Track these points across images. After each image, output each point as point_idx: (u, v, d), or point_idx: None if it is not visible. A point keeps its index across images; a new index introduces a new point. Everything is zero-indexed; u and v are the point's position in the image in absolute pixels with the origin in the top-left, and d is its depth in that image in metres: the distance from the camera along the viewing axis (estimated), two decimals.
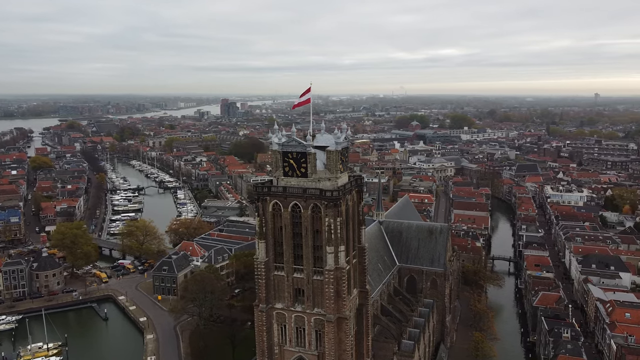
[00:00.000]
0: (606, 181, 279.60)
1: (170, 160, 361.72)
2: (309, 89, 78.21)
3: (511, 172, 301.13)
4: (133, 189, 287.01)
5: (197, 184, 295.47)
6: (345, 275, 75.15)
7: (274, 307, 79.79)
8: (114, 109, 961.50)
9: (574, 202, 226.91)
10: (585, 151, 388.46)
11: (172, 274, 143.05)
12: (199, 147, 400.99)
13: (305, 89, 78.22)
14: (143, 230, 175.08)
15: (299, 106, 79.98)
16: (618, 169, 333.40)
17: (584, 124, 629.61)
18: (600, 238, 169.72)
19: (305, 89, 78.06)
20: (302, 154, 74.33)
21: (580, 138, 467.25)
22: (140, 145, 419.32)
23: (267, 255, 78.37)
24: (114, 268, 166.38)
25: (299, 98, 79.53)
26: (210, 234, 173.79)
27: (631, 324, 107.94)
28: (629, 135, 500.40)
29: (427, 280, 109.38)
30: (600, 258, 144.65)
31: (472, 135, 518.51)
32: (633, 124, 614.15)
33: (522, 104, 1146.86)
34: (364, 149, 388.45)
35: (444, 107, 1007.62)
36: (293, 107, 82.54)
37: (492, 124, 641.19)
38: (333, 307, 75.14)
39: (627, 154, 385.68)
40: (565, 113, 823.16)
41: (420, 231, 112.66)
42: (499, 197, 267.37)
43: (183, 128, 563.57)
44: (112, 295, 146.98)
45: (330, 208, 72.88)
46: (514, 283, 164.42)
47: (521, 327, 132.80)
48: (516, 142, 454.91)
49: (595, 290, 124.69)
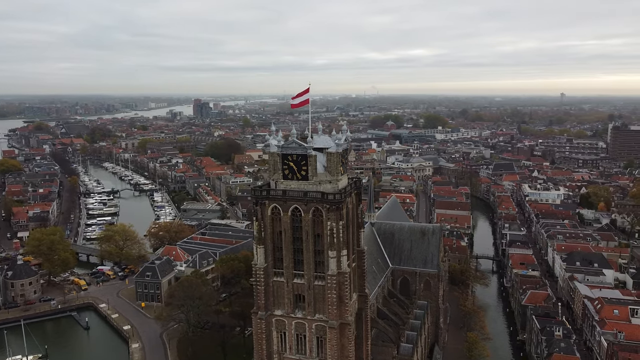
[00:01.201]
0: (579, 179, 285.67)
1: (145, 162, 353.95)
2: (308, 89, 76.38)
3: (488, 171, 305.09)
4: (108, 192, 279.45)
5: (174, 186, 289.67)
6: (347, 280, 73.59)
7: (273, 314, 77.61)
8: (82, 110, 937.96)
9: (552, 200, 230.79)
10: (557, 150, 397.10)
11: (156, 280, 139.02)
12: (174, 148, 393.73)
13: (304, 90, 76.22)
14: (122, 234, 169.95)
15: (298, 107, 77.86)
16: (589, 167, 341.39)
17: (553, 123, 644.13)
18: (580, 235, 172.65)
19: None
20: (302, 157, 72.41)
21: (551, 137, 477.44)
22: (112, 147, 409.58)
23: (266, 260, 76.15)
24: (93, 274, 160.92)
25: (296, 98, 77.32)
26: (192, 238, 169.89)
27: (619, 320, 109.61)
28: (596, 134, 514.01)
29: (421, 282, 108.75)
30: (584, 255, 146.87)
31: (447, 134, 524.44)
32: (599, 123, 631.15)
33: (492, 104, 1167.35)
34: None
35: (417, 107, 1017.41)
36: (292, 107, 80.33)
37: (464, 124, 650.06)
38: (336, 312, 73.45)
39: (597, 152, 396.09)
40: (534, 112, 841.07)
41: (412, 232, 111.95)
42: (477, 195, 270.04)
43: (156, 129, 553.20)
44: (93, 303, 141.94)
45: (333, 212, 71.17)
46: (497, 282, 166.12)
47: (509, 326, 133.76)
48: (490, 141, 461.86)
49: (582, 288, 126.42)
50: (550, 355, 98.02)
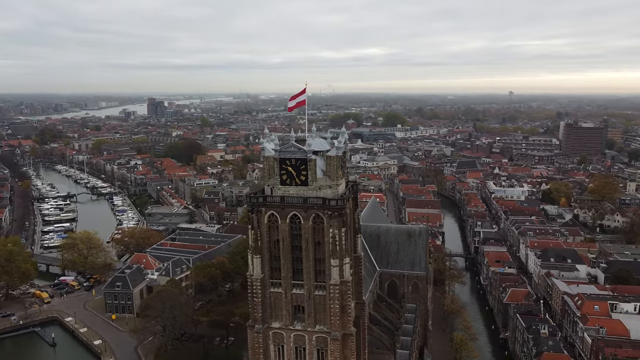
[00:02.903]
0: (538, 175, 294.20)
1: (101, 164, 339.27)
2: (304, 89, 72.91)
3: (452, 168, 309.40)
4: (63, 197, 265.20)
5: (134, 189, 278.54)
6: (350, 289, 70.74)
7: (270, 326, 73.85)
8: (28, 110, 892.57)
9: (517, 197, 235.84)
10: (514, 147, 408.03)
11: (127, 290, 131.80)
12: (131, 149, 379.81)
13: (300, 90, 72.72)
14: (86, 242, 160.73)
15: (295, 108, 74.28)
16: (546, 163, 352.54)
17: (506, 121, 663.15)
18: (550, 232, 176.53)
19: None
20: (302, 161, 68.92)
21: (506, 134, 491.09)
22: (65, 149, 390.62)
23: (263, 271, 72.24)
24: (56, 286, 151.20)
25: (292, 100, 73.72)
26: (162, 244, 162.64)
27: (600, 316, 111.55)
28: (548, 130, 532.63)
29: (409, 285, 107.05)
30: (557, 252, 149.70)
31: (406, 132, 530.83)
32: (549, 120, 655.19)
33: (445, 102, 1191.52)
34: None
35: (373, 106, 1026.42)
36: (289, 109, 76.64)
37: (422, 122, 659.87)
38: (338, 323, 70.46)
39: (551, 148, 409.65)
40: (486, 110, 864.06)
41: (399, 234, 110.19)
42: (443, 193, 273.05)
43: (109, 129, 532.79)
44: (58, 317, 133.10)
45: (335, 218, 68.12)
46: (471, 280, 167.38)
47: (489, 325, 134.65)
48: (448, 139, 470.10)
49: (560, 284, 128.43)
50: (539, 354, 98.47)
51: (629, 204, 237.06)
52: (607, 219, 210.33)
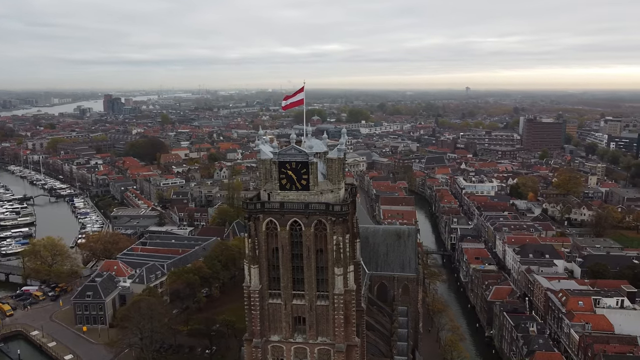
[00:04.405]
0: (504, 170, 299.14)
1: (59, 164, 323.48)
2: (302, 88, 68.83)
3: (421, 164, 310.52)
4: (19, 199, 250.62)
5: (96, 190, 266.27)
6: (354, 299, 67.44)
7: (268, 340, 69.67)
8: None
9: (487, 192, 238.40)
10: (478, 142, 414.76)
11: (99, 300, 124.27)
12: (90, 148, 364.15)
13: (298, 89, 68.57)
14: (51, 249, 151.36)
15: (291, 107, 70.09)
16: (509, 158, 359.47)
17: (466, 116, 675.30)
18: (524, 227, 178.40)
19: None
20: (303, 164, 64.97)
21: (468, 129, 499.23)
22: (18, 148, 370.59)
23: (261, 281, 67.98)
24: (18, 297, 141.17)
25: (289, 99, 69.53)
26: (133, 249, 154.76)
27: (585, 311, 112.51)
28: (508, 126, 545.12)
29: (399, 287, 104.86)
30: (535, 247, 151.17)
31: (371, 128, 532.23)
32: (506, 115, 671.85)
33: (405, 98, 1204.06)
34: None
35: (335, 101, 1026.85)
36: (283, 108, 72.39)
37: (385, 117, 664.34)
38: (343, 335, 67.03)
39: (513, 143, 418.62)
40: (446, 106, 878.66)
41: (387, 235, 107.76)
42: (413, 189, 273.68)
43: (65, 127, 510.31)
44: (23, 331, 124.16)
45: (339, 224, 64.59)
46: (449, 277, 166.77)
47: (475, 323, 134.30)
48: (413, 135, 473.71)
49: (543, 280, 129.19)
50: (532, 354, 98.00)
51: (592, 197, 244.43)
52: (574, 212, 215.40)
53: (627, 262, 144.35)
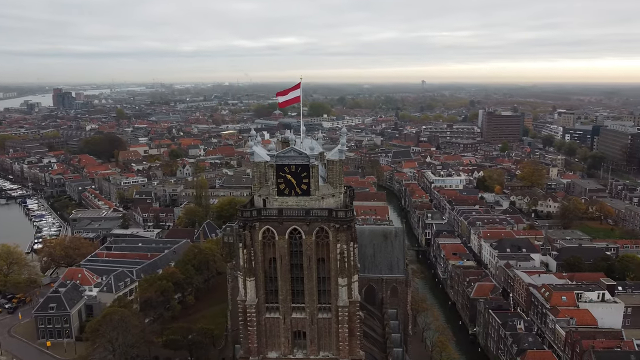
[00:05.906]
0: (468, 163, 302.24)
1: (8, 163, 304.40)
2: (299, 84, 63.88)
3: (387, 158, 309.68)
4: None
5: (51, 191, 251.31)
6: (359, 310, 63.26)
7: (266, 357, 64.71)
8: None
9: (455, 186, 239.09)
10: (440, 135, 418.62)
11: (63, 312, 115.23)
12: (41, 145, 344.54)
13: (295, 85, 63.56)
14: (5, 257, 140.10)
15: (287, 104, 65.01)
16: (471, 151, 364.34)
17: (424, 109, 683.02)
18: (497, 220, 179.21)
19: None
20: (303, 167, 60.08)
21: (429, 122, 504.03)
22: None
23: (258, 295, 62.79)
24: None
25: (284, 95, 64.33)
26: (97, 255, 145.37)
27: (568, 306, 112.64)
28: (466, 118, 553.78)
29: (387, 289, 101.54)
30: (512, 241, 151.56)
31: (333, 122, 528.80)
32: (463, 108, 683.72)
33: (362, 91, 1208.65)
34: (235, 141, 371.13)
35: None
36: (280, 105, 67.19)
37: (345, 111, 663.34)
38: (347, 349, 62.84)
39: (474, 136, 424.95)
40: (404, 99, 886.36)
41: (374, 236, 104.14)
42: (381, 184, 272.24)
43: (11, 123, 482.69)
44: None
45: (343, 232, 60.16)
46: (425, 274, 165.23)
47: (457, 320, 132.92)
48: (375, 128, 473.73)
49: (523, 275, 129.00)
50: (523, 352, 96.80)
51: (555, 189, 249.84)
52: (540, 204, 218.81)
53: (599, 254, 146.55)
